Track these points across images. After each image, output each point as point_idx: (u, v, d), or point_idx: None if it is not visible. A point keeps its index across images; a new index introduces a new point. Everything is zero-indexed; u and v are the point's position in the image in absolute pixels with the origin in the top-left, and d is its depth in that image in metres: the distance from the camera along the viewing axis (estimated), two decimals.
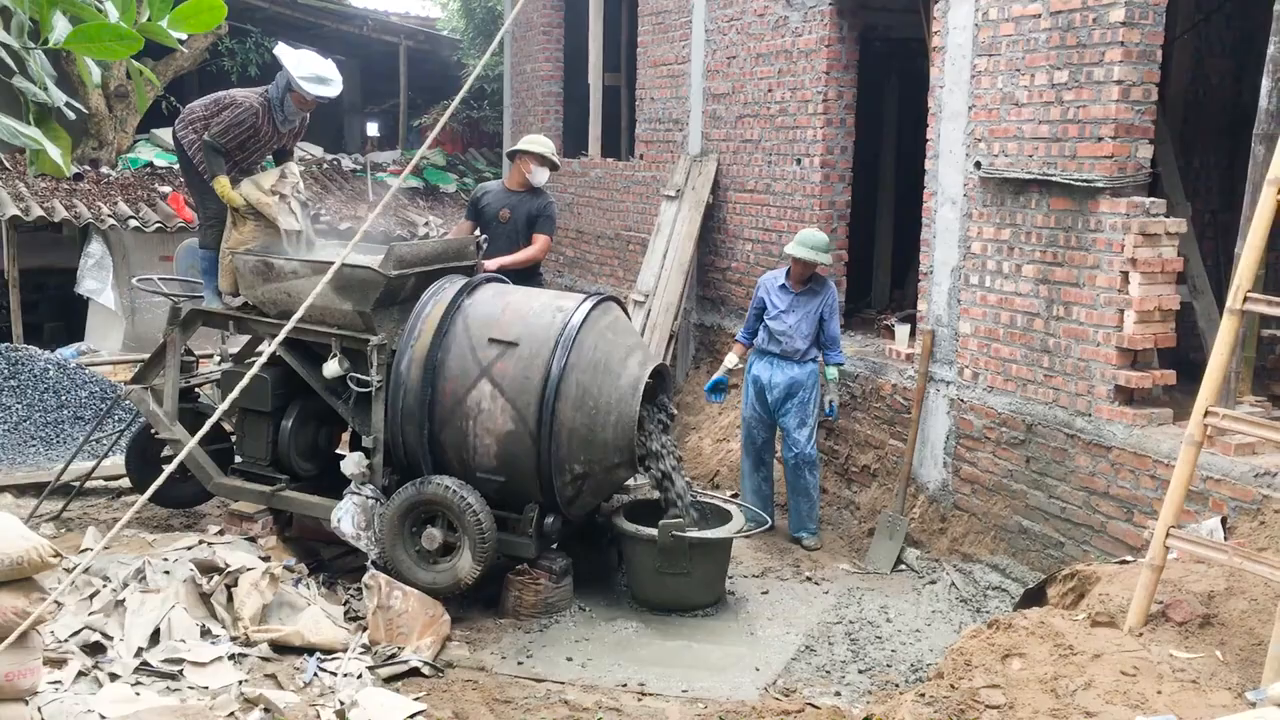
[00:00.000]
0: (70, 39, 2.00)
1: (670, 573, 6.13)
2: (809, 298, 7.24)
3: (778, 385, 7.24)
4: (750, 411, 7.43)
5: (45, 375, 8.76)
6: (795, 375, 7.21)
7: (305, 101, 6.64)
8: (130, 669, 5.01)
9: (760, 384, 7.31)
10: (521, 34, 13.37)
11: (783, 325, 7.21)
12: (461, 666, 5.49)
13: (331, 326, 6.29)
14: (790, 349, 7.20)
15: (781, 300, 7.26)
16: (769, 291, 7.32)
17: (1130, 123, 5.89)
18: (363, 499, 6.13)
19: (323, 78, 6.58)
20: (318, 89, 6.55)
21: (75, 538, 6.68)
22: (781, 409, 7.25)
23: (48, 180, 11.73)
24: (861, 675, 5.52)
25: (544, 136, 8.22)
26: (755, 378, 7.35)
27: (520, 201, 7.71)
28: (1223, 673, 3.80)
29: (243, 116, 6.55)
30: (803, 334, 7.20)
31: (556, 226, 8.10)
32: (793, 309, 7.23)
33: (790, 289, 7.26)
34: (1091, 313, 6.05)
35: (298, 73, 6.50)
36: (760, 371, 7.32)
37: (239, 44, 14.08)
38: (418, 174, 14.90)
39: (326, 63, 6.68)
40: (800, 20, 8.44)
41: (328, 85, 6.60)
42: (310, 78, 6.53)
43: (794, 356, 7.21)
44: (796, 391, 7.22)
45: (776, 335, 7.23)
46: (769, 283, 7.37)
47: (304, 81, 6.51)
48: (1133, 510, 5.76)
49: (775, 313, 7.26)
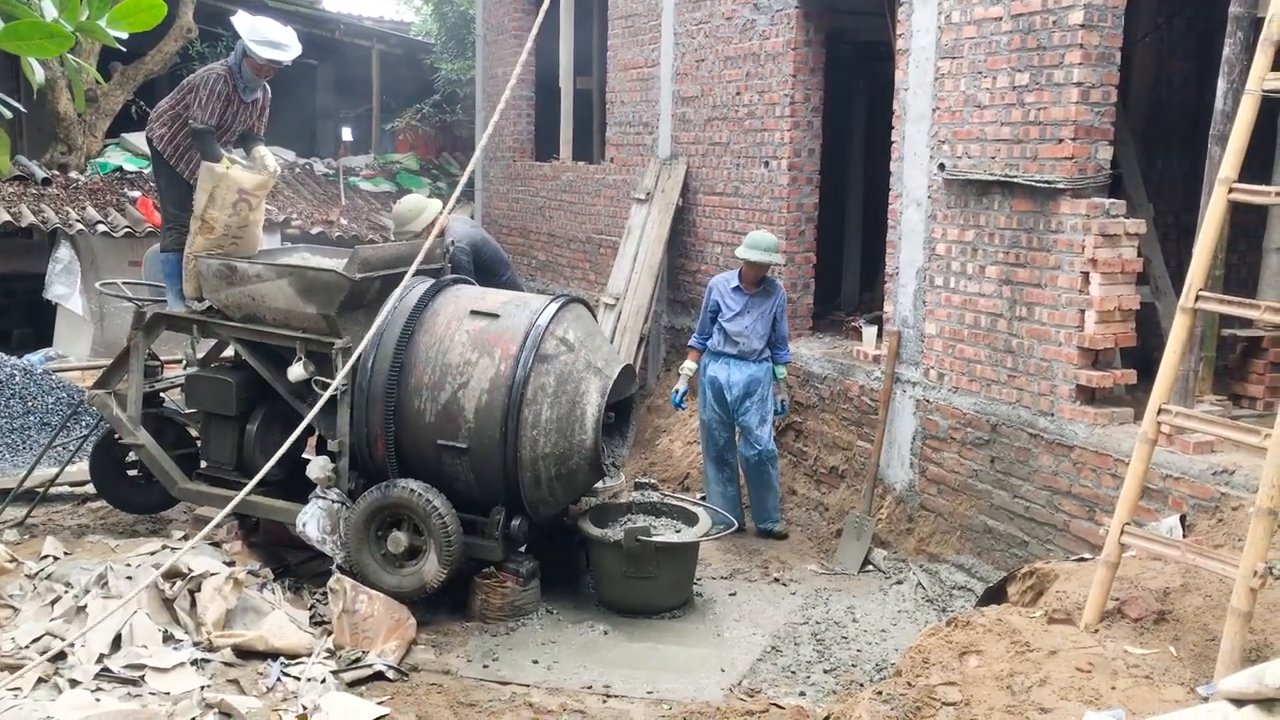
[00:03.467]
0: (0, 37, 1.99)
1: (637, 576, 6.13)
2: (763, 299, 7.32)
3: (736, 384, 7.30)
4: (710, 414, 7.47)
5: (11, 381, 8.67)
6: (753, 373, 7.29)
7: (260, 67, 6.54)
8: (91, 675, 4.97)
9: (718, 385, 7.36)
10: (493, 38, 13.37)
11: (739, 326, 7.29)
12: (427, 670, 5.47)
13: (296, 330, 6.27)
14: (748, 349, 7.28)
15: (736, 302, 7.33)
16: (722, 294, 7.39)
17: (1090, 124, 5.95)
18: (328, 503, 6.11)
19: (275, 42, 6.48)
20: (270, 52, 6.45)
21: (38, 544, 6.62)
22: (741, 408, 7.31)
23: (15, 185, 11.64)
24: (827, 675, 5.54)
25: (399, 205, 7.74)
26: (713, 379, 7.40)
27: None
28: (1176, 668, 3.83)
29: (216, 85, 6.48)
30: (759, 334, 7.29)
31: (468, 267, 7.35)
32: (748, 310, 7.31)
33: (744, 290, 7.31)
34: (1053, 313, 6.09)
35: (250, 38, 6.42)
36: (717, 372, 7.37)
37: (210, 48, 14.00)
38: (391, 178, 14.87)
39: (284, 29, 6.58)
40: (768, 23, 8.47)
41: (281, 49, 6.49)
42: (263, 42, 6.44)
43: (751, 356, 7.30)
44: (755, 389, 7.29)
45: (733, 336, 7.30)
46: (721, 285, 7.43)
47: (256, 45, 6.42)
48: (1094, 509, 5.81)
49: (730, 315, 7.32)
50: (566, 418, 5.94)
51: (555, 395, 5.94)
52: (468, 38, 14.56)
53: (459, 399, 5.95)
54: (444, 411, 5.96)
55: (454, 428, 5.96)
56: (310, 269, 6.28)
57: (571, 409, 5.96)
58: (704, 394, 7.47)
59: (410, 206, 7.59)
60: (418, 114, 15.55)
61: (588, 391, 6.01)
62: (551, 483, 6.04)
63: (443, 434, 5.97)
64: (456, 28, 14.84)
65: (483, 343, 6.01)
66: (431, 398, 5.98)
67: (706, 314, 7.48)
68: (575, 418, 5.96)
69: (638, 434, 7.21)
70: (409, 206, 7.60)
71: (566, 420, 5.94)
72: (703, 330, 7.53)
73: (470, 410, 5.93)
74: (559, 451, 5.95)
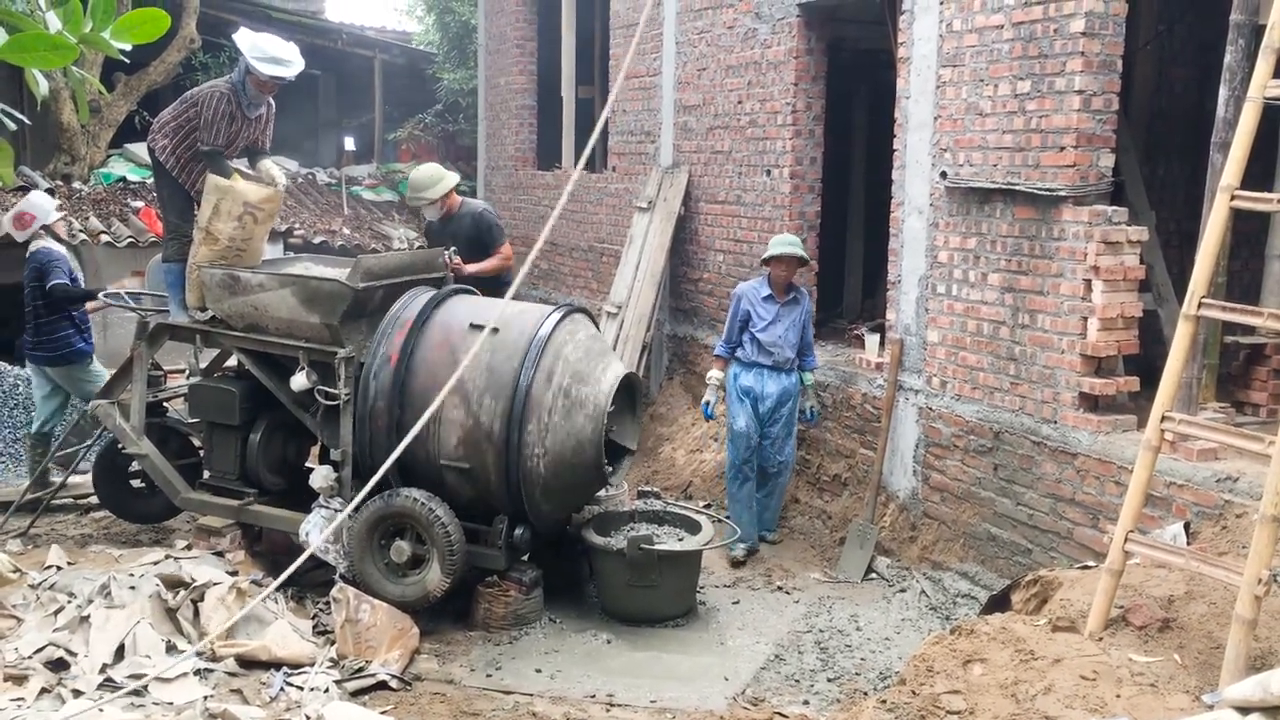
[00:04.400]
0: (5, 49, 1.99)
1: (640, 585, 6.13)
2: (792, 307, 7.27)
3: (770, 396, 7.23)
4: (746, 424, 7.25)
5: (15, 391, 8.69)
6: (786, 385, 7.25)
7: (263, 84, 6.56)
8: (94, 685, 4.98)
9: (754, 396, 7.23)
10: (495, 48, 13.41)
11: (772, 336, 7.19)
12: (430, 679, 5.47)
13: (299, 339, 6.28)
14: (781, 359, 7.21)
15: (768, 311, 7.22)
16: (753, 303, 7.24)
17: (1092, 132, 5.95)
18: (331, 512, 6.11)
19: (278, 59, 6.48)
20: (273, 69, 6.46)
21: (42, 554, 6.63)
22: (772, 418, 7.26)
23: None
24: (830, 684, 5.53)
25: (416, 172, 7.78)
26: (748, 389, 7.24)
27: (453, 227, 7.62)
28: (1181, 676, 3.82)
29: (220, 105, 6.49)
30: (791, 343, 7.23)
31: (507, 233, 7.95)
32: (779, 319, 7.23)
33: (775, 299, 7.24)
34: (1056, 320, 6.09)
35: (252, 55, 6.43)
36: (752, 384, 7.24)
37: (213, 58, 14.03)
38: (392, 187, 14.89)
39: (287, 45, 6.58)
40: (769, 32, 8.49)
41: (283, 66, 6.50)
42: (265, 58, 6.45)
43: (784, 366, 7.23)
44: (787, 400, 7.27)
45: (767, 346, 7.19)
46: (751, 294, 7.27)
47: (258, 62, 6.43)
48: (1098, 516, 5.80)
49: (764, 324, 7.20)
50: (569, 427, 5.94)
51: (558, 404, 5.94)
52: (470, 47, 14.59)
53: (462, 409, 5.95)
54: (446, 421, 5.96)
55: (456, 438, 5.96)
56: (313, 279, 6.29)
57: (574, 418, 5.96)
58: (739, 405, 7.27)
59: (429, 174, 7.62)
60: (420, 124, 15.57)
61: (590, 400, 6.01)
62: (554, 492, 6.04)
63: (445, 444, 5.97)
64: (459, 37, 14.86)
65: (485, 352, 6.01)
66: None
67: (736, 322, 7.29)
68: (578, 426, 5.96)
69: (640, 442, 7.18)
70: (427, 174, 7.63)
71: (569, 430, 5.94)
72: (729, 339, 7.33)
73: (473, 420, 5.93)
74: (561, 461, 5.95)
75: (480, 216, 7.75)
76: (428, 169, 7.71)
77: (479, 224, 7.67)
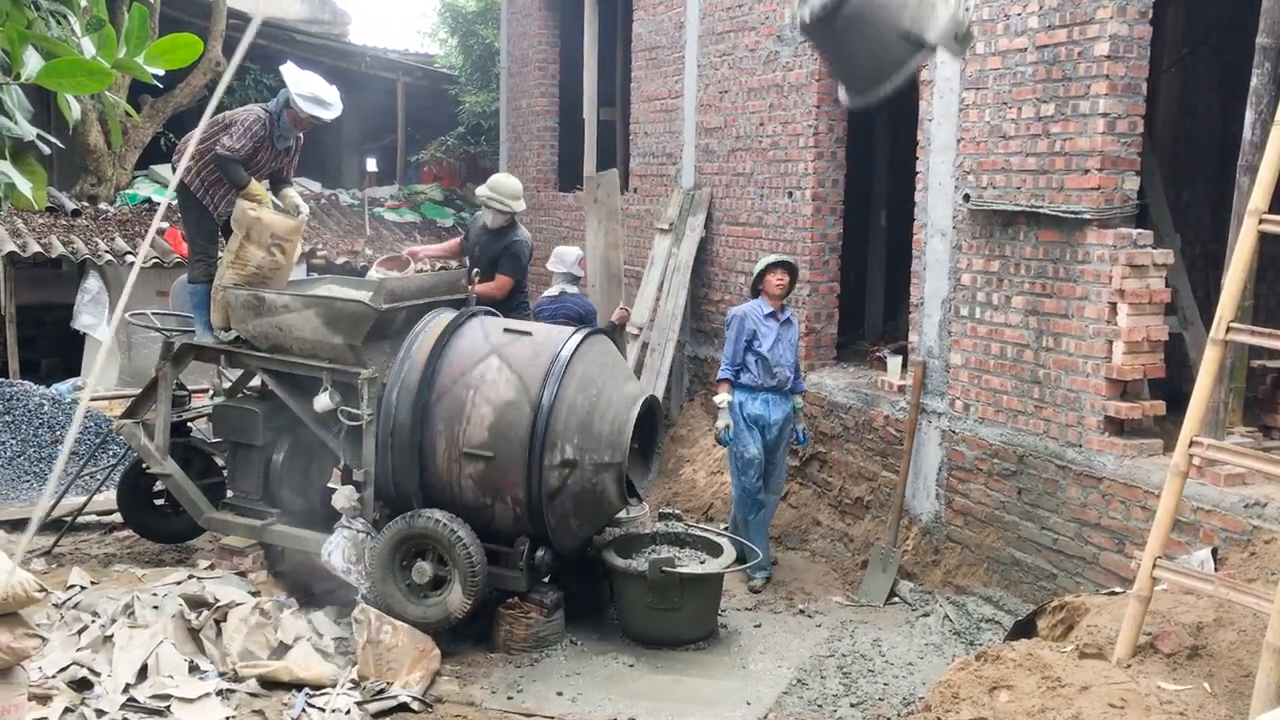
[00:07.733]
0: (42, 74, 2.02)
1: (661, 608, 6.10)
2: (788, 326, 7.20)
3: (776, 422, 7.14)
4: (757, 452, 7.11)
5: (40, 410, 8.76)
6: (786, 409, 7.19)
7: (300, 120, 6.64)
8: (117, 705, 4.99)
9: (764, 423, 7.11)
10: (517, 70, 13.49)
11: (775, 356, 7.08)
12: (451, 701, 5.46)
13: (322, 360, 6.30)
14: (782, 379, 7.12)
15: (770, 330, 7.11)
16: (757, 322, 7.10)
17: (1116, 155, 5.93)
18: (353, 533, 6.12)
19: (321, 99, 6.58)
20: (314, 109, 6.55)
21: (65, 573, 6.66)
22: (775, 444, 7.20)
23: (45, 216, 11.78)
24: (854, 709, 5.48)
25: (509, 179, 7.99)
26: (757, 417, 7.09)
27: (490, 240, 7.75)
28: (1210, 705, 3.77)
29: (255, 126, 6.56)
30: (789, 363, 7.16)
31: (525, 266, 7.88)
32: (780, 339, 7.13)
33: (776, 317, 7.16)
34: (1080, 343, 6.06)
35: (297, 90, 6.52)
36: (760, 410, 7.09)
37: (238, 81, 14.16)
38: (414, 208, 14.96)
39: (330, 87, 6.67)
40: (791, 55, 8.51)
41: (325, 108, 6.60)
42: (309, 97, 6.54)
43: (783, 388, 7.15)
44: (787, 425, 7.21)
45: (772, 367, 7.06)
46: (754, 313, 7.13)
47: (301, 100, 6.52)
48: (1124, 541, 5.75)
49: (768, 344, 7.05)
50: (591, 449, 5.94)
51: (579, 427, 5.93)
52: (492, 70, 14.68)
53: (483, 431, 5.96)
54: (468, 443, 5.97)
55: (479, 460, 5.96)
56: (337, 300, 6.32)
57: (596, 440, 5.95)
58: (748, 433, 7.09)
59: (518, 187, 7.85)
60: (442, 145, 15.66)
61: (611, 423, 6.00)
62: (576, 514, 6.03)
63: (467, 466, 5.98)
64: (481, 60, 14.96)
65: (507, 374, 6.03)
66: (456, 430, 5.99)
67: (740, 344, 7.10)
68: (600, 449, 5.95)
69: (661, 464, 7.15)
70: (517, 186, 7.85)
71: (591, 452, 5.94)
72: (734, 361, 7.13)
73: (494, 442, 5.94)
74: (584, 483, 5.95)
75: (516, 243, 7.79)
76: (516, 181, 7.94)
77: (510, 249, 7.73)
